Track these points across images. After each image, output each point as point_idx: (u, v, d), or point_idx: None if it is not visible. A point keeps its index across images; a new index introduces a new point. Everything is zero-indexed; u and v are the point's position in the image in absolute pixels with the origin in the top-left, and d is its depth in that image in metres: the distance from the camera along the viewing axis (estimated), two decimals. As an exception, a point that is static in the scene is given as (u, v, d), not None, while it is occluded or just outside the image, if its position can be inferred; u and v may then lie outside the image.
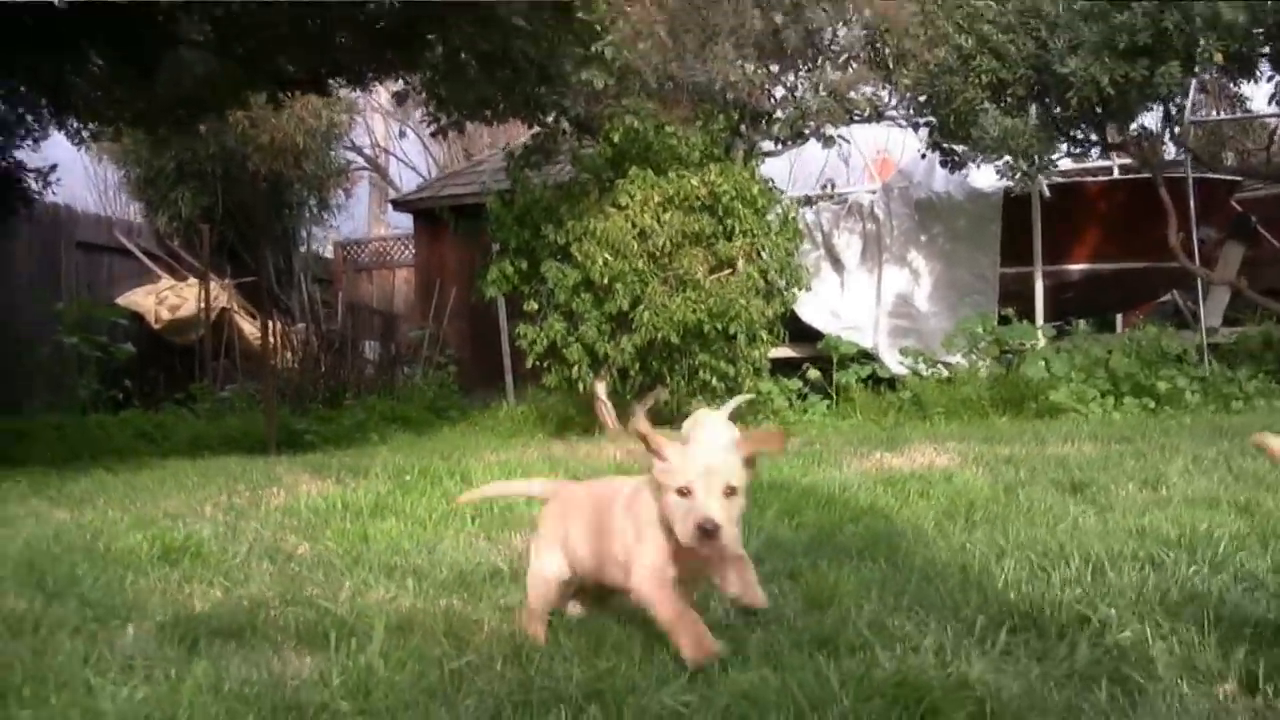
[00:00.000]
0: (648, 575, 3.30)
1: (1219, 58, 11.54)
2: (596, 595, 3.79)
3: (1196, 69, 12.08)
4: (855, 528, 5.24)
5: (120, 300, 19.19)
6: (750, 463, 3.36)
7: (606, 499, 3.61)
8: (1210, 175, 14.51)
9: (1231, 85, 16.12)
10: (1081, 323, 15.34)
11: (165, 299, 19.36)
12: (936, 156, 14.22)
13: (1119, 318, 17.51)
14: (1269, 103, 12.95)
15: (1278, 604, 3.33)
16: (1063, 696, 2.68)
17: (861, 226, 15.51)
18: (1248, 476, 6.25)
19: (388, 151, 34.98)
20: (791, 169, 16.55)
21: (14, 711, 2.72)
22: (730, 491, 3.25)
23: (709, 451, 3.42)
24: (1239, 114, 18.35)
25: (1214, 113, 19.03)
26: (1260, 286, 14.06)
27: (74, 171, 14.74)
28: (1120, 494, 6.01)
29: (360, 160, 32.45)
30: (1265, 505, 5.26)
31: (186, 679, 2.89)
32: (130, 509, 6.83)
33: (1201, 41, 11.25)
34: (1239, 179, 15.39)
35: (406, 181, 34.43)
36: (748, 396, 9.73)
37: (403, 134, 34.03)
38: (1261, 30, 11.32)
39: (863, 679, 2.77)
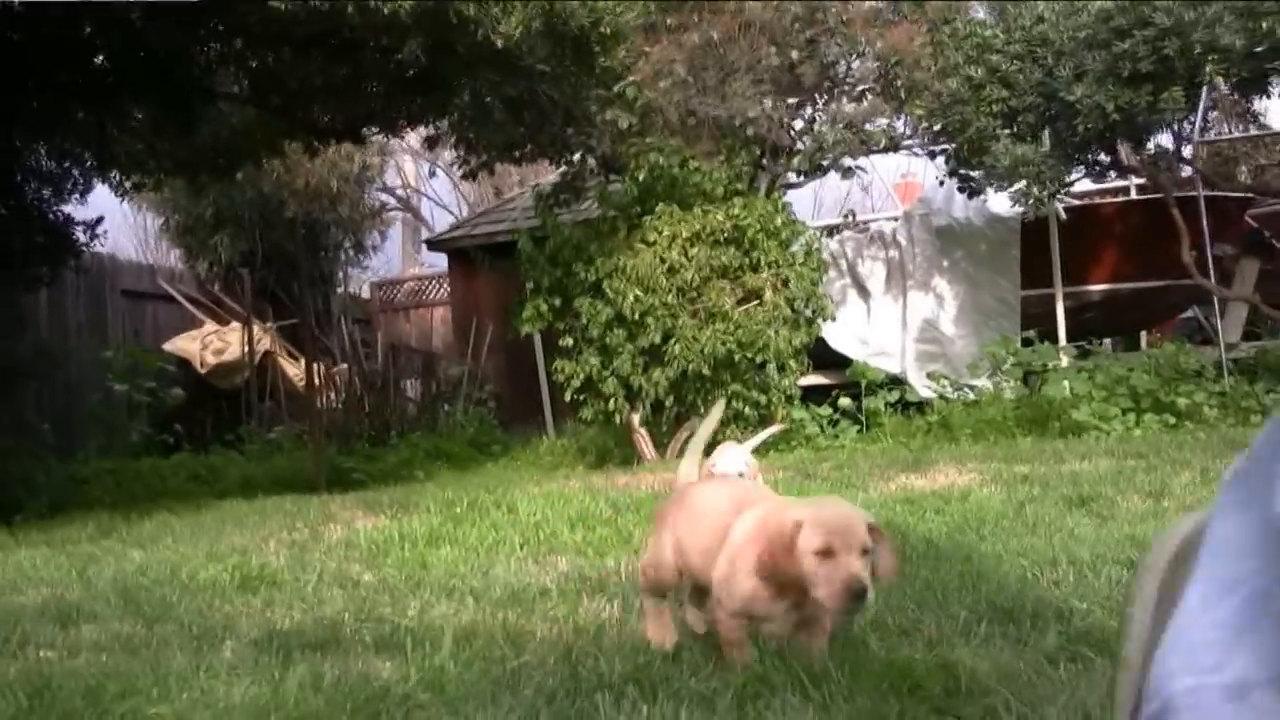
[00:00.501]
0: (730, 613, 3.43)
1: (1220, 81, 12.06)
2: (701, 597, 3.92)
3: (1203, 92, 12.60)
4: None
5: (166, 346, 19.76)
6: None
7: (723, 517, 3.65)
8: (1221, 193, 14.92)
9: (1244, 102, 16.53)
10: (1106, 342, 15.80)
11: (210, 343, 19.96)
12: (954, 183, 14.68)
13: (1143, 335, 17.95)
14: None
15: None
16: (1027, 672, 3.20)
17: (885, 254, 15.95)
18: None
19: (419, 191, 35.74)
20: (816, 198, 17.05)
21: (149, 708, 3.26)
22: (865, 552, 3.28)
23: (836, 508, 3.44)
24: (1251, 131, 18.77)
25: (1227, 130, 19.45)
26: (1274, 299, 14.50)
27: (114, 219, 15.49)
28: (1124, 506, 6.46)
29: (392, 201, 33.16)
30: None
31: (288, 679, 3.44)
32: (200, 546, 7.38)
33: (1206, 66, 11.76)
34: (1251, 196, 15.81)
35: (438, 219, 35.15)
36: (778, 429, 10.16)
37: (433, 173, 34.72)
38: (1260, 50, 11.75)
39: (857, 662, 3.31)
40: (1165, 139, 14.73)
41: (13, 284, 13.26)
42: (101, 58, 12.00)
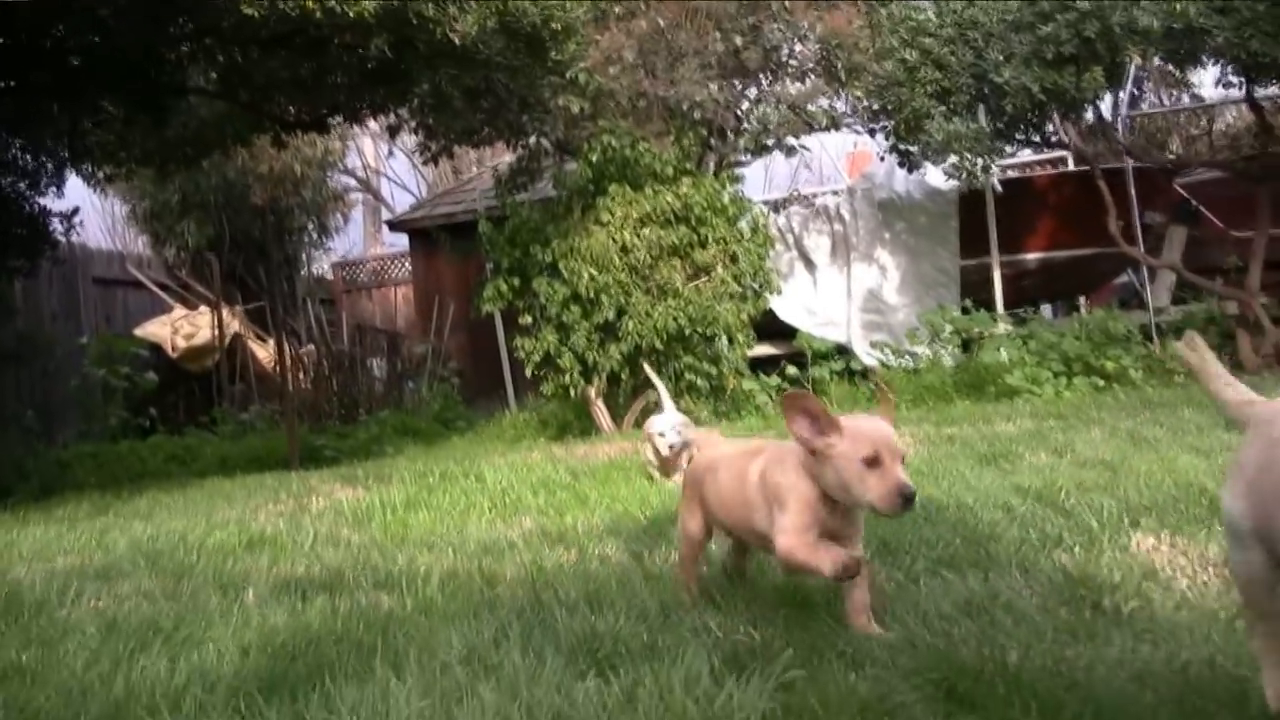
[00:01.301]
0: (795, 541, 3.64)
1: (1139, 61, 12.98)
2: (739, 548, 4.36)
3: (1130, 68, 13.52)
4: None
5: (138, 331, 20.46)
6: None
7: (741, 468, 3.99)
8: (1147, 165, 15.78)
9: (1179, 72, 17.43)
10: (1047, 308, 16.71)
11: (180, 328, 20.67)
12: (895, 159, 15.53)
13: (1082, 301, 18.88)
14: (1215, 85, 14.30)
15: (1070, 525, 4.74)
16: (893, 587, 4.11)
17: (830, 228, 16.77)
18: (1143, 442, 7.54)
19: (379, 173, 36.40)
20: (767, 174, 17.85)
21: (204, 634, 4.12)
22: (904, 460, 3.58)
23: (882, 425, 3.66)
24: (1185, 101, 19.71)
25: (1160, 101, 20.33)
26: (1204, 264, 15.40)
27: (82, 206, 16.06)
28: (1028, 461, 7.27)
29: (354, 183, 33.84)
30: (1131, 463, 6.52)
31: (309, 610, 4.32)
32: (198, 517, 8.24)
33: (1125, 47, 12.64)
34: (1176, 166, 16.70)
35: (399, 199, 35.85)
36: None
37: (391, 154, 35.45)
38: (1177, 29, 12.59)
39: (760, 582, 4.22)
40: (1104, 110, 15.66)
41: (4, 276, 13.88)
42: (76, 59, 12.58)
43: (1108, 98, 15.44)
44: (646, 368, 11.42)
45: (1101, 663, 2.96)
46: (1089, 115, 15.00)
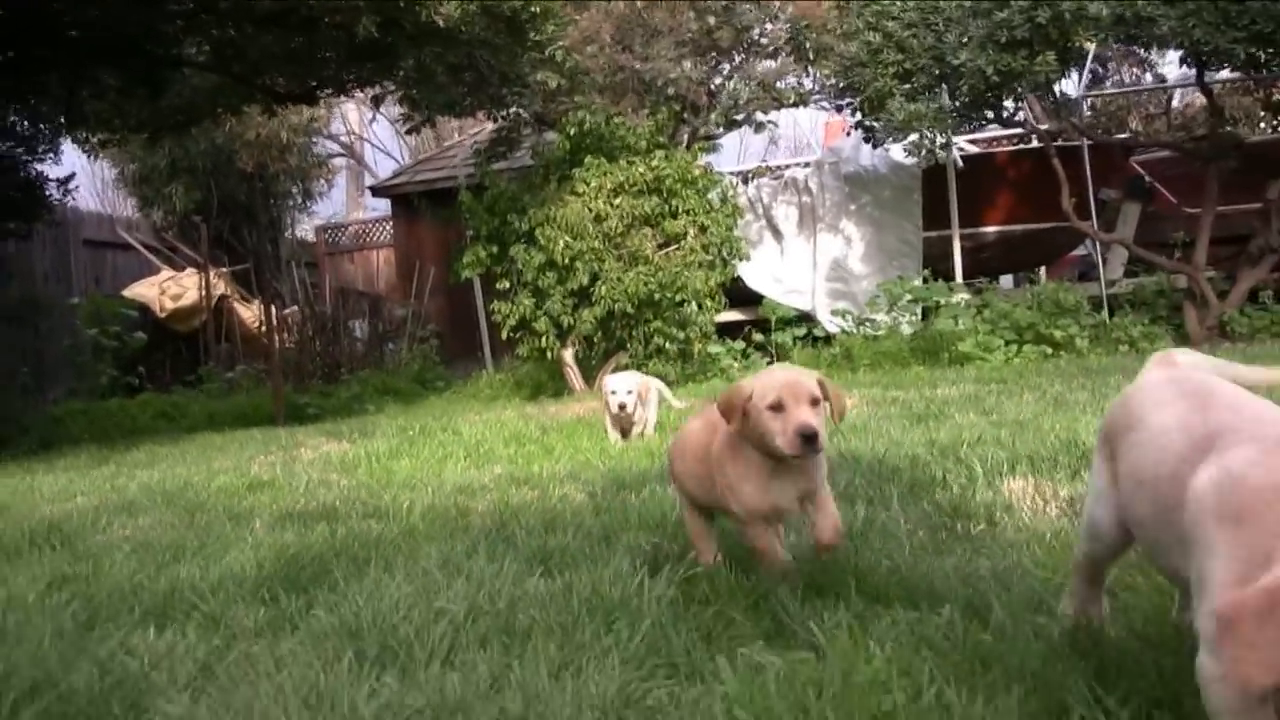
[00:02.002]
0: (746, 517, 3.92)
1: (1089, 46, 13.85)
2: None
3: (1090, 50, 14.38)
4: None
5: (126, 292, 21.23)
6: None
7: (705, 441, 4.15)
8: (1101, 142, 16.65)
9: (1141, 51, 18.28)
10: (1009, 278, 17.60)
11: (167, 289, 21.46)
12: (860, 134, 16.38)
13: (1042, 272, 19.78)
14: (1180, 66, 15.13)
15: (959, 471, 5.60)
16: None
17: (798, 199, 17.65)
18: (1064, 404, 8.40)
19: (363, 139, 37.14)
20: (742, 144, 18.67)
21: (225, 552, 4.99)
22: (814, 402, 3.76)
23: (785, 370, 3.90)
24: (1147, 79, 20.58)
25: (1121, 78, 21.19)
26: (1158, 239, 16.28)
27: (71, 169, 16.79)
28: (957, 420, 8.09)
29: (337, 148, 34.59)
30: (1040, 422, 7.34)
31: (312, 534, 5.20)
32: (197, 466, 9.12)
33: (1076, 33, 13.51)
34: (1128, 145, 17.59)
35: (381, 164, 36.61)
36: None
37: (375, 119, 36.19)
38: (1126, 16, 13.43)
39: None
40: (1069, 88, 16.52)
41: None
42: (75, 32, 13.29)
43: (1072, 76, 16.28)
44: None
45: (940, 568, 3.82)
46: (1047, 95, 15.85)
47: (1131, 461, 2.69)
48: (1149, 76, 20.36)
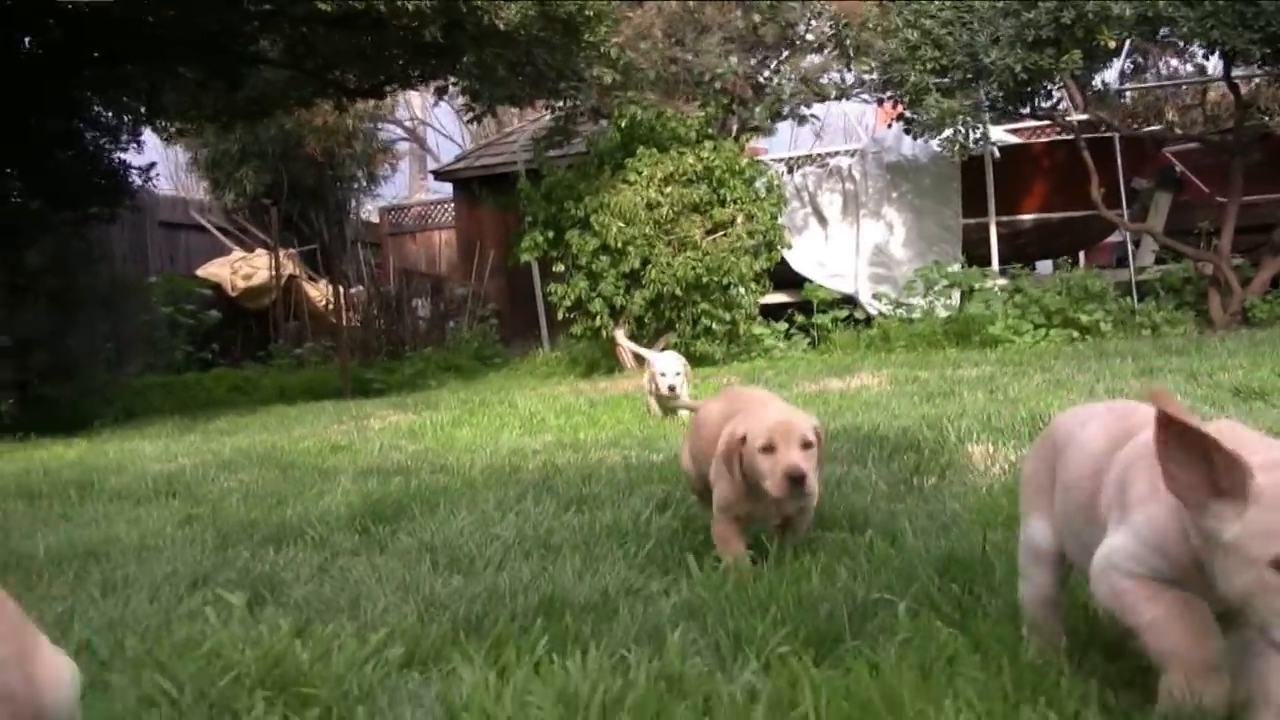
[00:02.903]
0: (718, 512, 4.21)
1: (1112, 44, 14.84)
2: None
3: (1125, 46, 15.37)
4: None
5: (200, 272, 22.67)
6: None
7: (721, 424, 4.33)
8: (1132, 135, 17.59)
9: (1180, 43, 19.14)
10: (1049, 264, 18.61)
11: (239, 269, 22.83)
12: (901, 125, 17.40)
13: (1081, 257, 20.73)
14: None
15: (934, 438, 6.67)
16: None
17: (842, 186, 18.69)
18: (1063, 384, 9.37)
19: (425, 123, 38.38)
20: (793, 133, 19.73)
21: (320, 498, 6.15)
22: (806, 445, 3.94)
23: (783, 411, 4.15)
24: (1166, 80, 21.54)
25: (1159, 70, 22.10)
26: (1189, 226, 17.21)
27: (148, 154, 18.04)
28: (961, 399, 9.07)
29: (401, 132, 35.88)
30: (1030, 400, 8.32)
31: (390, 484, 6.35)
32: (279, 433, 10.33)
33: (1100, 32, 14.50)
34: (1156, 138, 18.53)
35: (443, 146, 37.83)
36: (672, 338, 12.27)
37: (438, 104, 37.45)
38: (1150, 16, 14.39)
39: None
40: (1109, 79, 17.49)
41: (82, 222, 15.74)
42: (158, 30, 14.44)
43: (1115, 65, 17.25)
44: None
45: (892, 512, 4.89)
46: (1079, 88, 16.83)
47: (1063, 478, 2.85)
48: (1189, 67, 21.15)
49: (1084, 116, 17.25)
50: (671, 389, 9.35)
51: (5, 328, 12.91)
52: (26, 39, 15.01)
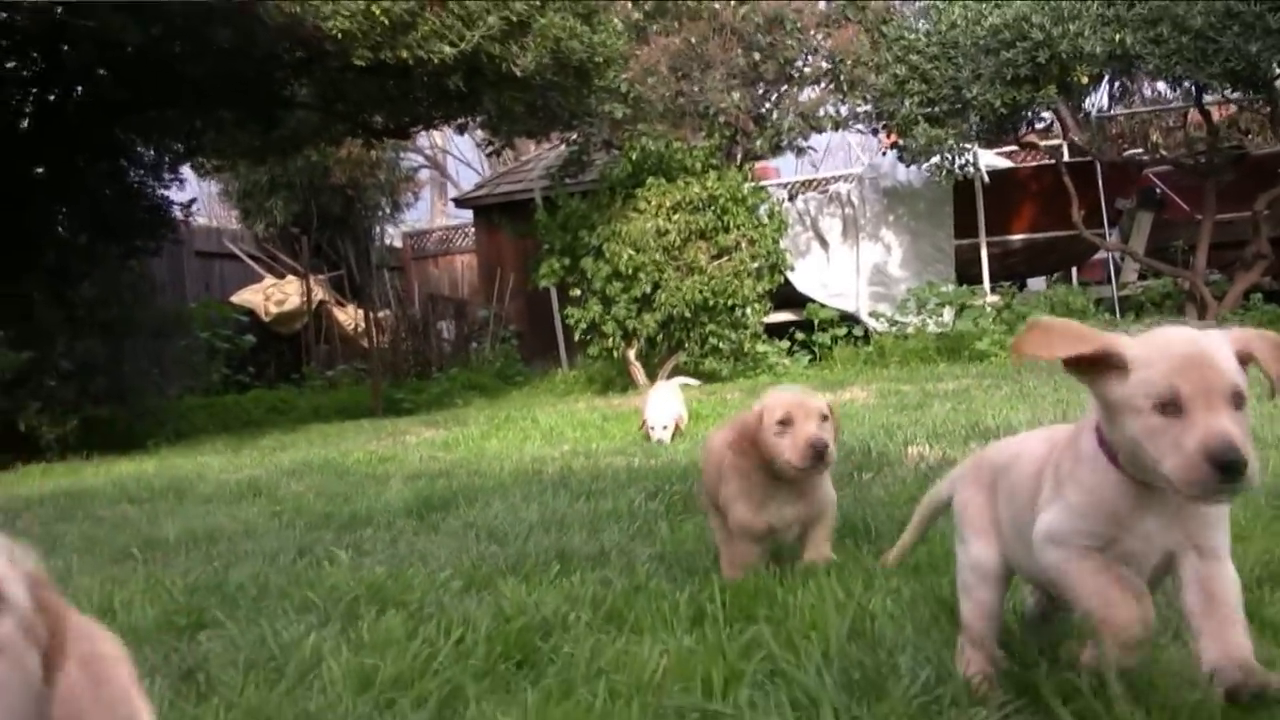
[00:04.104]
0: (738, 534, 4.36)
1: (1085, 81, 16.35)
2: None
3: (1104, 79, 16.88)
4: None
5: (234, 298, 24.36)
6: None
7: (720, 453, 4.49)
8: (1107, 160, 19.05)
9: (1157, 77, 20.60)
10: (1041, 280, 20.16)
11: (271, 295, 24.53)
12: (895, 153, 18.95)
13: (1074, 273, 22.23)
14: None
15: (882, 441, 8.16)
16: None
17: (841, 211, 20.27)
18: (1027, 397, 10.70)
19: (445, 151, 40.09)
20: (797, 161, 21.31)
21: (375, 494, 7.69)
22: (824, 418, 4.00)
23: (792, 389, 4.20)
24: (1142, 107, 23.13)
25: (1141, 95, 23.64)
26: (1169, 240, 18.74)
27: (194, 195, 19.89)
28: (930, 410, 10.39)
29: (422, 160, 37.56)
30: (986, 410, 9.86)
31: (435, 485, 7.90)
32: (325, 449, 11.86)
33: (1074, 70, 16.00)
34: (1127, 162, 20.04)
35: (463, 173, 39.53)
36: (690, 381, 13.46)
37: (462, 133, 39.20)
38: (1118, 55, 15.87)
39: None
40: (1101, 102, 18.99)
41: (128, 255, 17.22)
42: (196, 74, 15.82)
43: (1103, 89, 18.77)
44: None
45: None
46: (1070, 113, 18.32)
47: (1007, 489, 3.03)
48: (1177, 91, 22.59)
49: (1071, 139, 18.73)
50: (660, 442, 9.91)
51: (65, 355, 14.38)
52: (78, 88, 16.55)
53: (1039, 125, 19.18)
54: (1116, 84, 19.92)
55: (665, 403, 10.34)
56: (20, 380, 13.65)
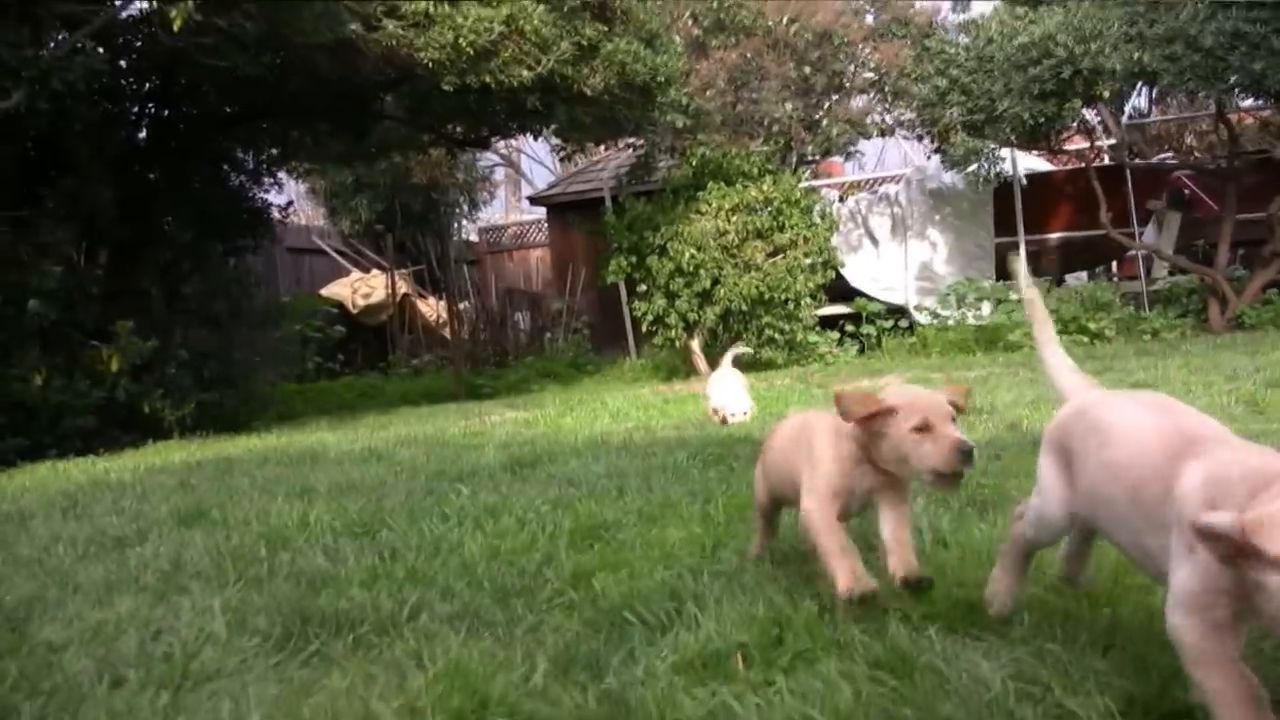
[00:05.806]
0: (820, 499, 4.11)
1: (1107, 95, 18.17)
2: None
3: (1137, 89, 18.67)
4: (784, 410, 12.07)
5: (324, 292, 26.63)
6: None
7: (793, 433, 4.53)
8: (1133, 165, 20.80)
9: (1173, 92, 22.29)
10: (1083, 275, 22.00)
11: (358, 289, 26.71)
12: (940, 157, 20.83)
13: (1115, 267, 24.00)
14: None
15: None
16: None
17: (890, 211, 22.27)
18: (1043, 382, 12.55)
19: (520, 150, 42.14)
20: (845, 164, 23.29)
21: (473, 457, 9.73)
22: (954, 420, 3.91)
23: (927, 392, 4.03)
24: (1173, 115, 24.89)
25: (1175, 103, 25.38)
26: (1198, 237, 20.50)
27: (291, 198, 21.84)
28: None
29: (498, 160, 39.61)
30: (989, 397, 11.85)
31: (523, 450, 9.92)
32: (423, 427, 13.86)
33: (1096, 84, 17.82)
34: (1152, 167, 21.80)
35: (536, 170, 41.80)
36: (743, 350, 15.06)
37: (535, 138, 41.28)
38: (1137, 71, 17.65)
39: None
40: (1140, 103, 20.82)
41: (231, 253, 19.19)
42: (293, 87, 17.55)
43: (1141, 94, 20.67)
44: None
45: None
46: (1111, 116, 20.11)
47: (1103, 459, 3.10)
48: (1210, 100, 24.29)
49: (1112, 143, 20.53)
50: (725, 421, 11.03)
51: (182, 344, 16.28)
52: (189, 105, 18.59)
53: (1075, 130, 20.81)
54: (1154, 90, 21.59)
55: (735, 391, 11.44)
56: (147, 367, 15.35)
